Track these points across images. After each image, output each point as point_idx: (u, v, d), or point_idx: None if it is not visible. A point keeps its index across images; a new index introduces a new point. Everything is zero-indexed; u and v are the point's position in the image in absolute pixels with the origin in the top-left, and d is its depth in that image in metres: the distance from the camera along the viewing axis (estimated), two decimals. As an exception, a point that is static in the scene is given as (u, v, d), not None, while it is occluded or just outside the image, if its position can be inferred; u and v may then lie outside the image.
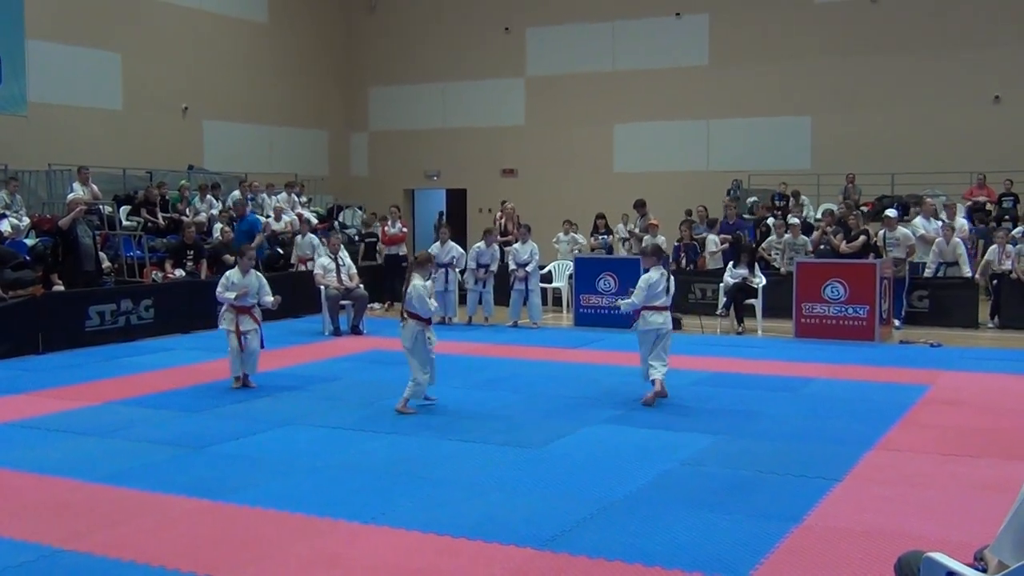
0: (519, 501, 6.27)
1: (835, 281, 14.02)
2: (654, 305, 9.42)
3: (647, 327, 9.44)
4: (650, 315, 9.43)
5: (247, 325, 10.38)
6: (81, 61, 20.90)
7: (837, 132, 23.46)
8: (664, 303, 9.45)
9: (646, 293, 9.48)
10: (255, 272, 10.80)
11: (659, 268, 9.55)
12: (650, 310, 9.44)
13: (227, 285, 10.48)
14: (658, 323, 9.40)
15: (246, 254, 10.88)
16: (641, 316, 9.51)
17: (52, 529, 5.82)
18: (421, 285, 9.19)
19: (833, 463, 7.13)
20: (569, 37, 26.33)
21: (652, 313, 9.43)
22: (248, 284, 10.48)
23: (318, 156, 28.29)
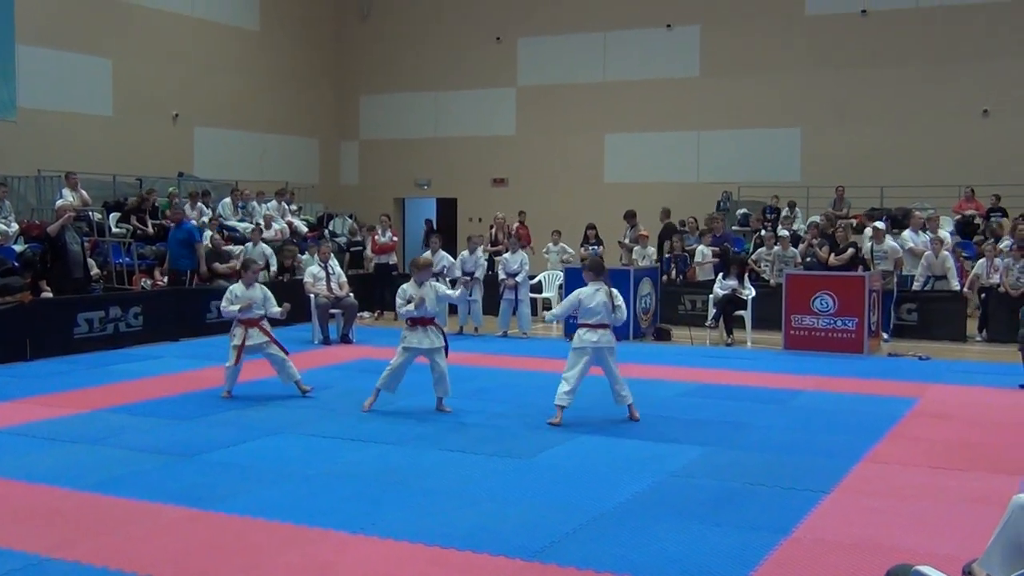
0: (509, 511, 6.27)
1: (824, 293, 14.07)
2: (588, 322, 9.08)
3: (579, 344, 9.11)
4: (584, 332, 9.09)
5: (257, 339, 10.32)
6: (72, 67, 20.86)
7: (827, 144, 23.56)
8: (601, 320, 9.05)
9: (569, 307, 9.32)
10: (259, 284, 10.75)
11: (598, 283, 9.22)
12: (584, 327, 9.11)
13: (231, 299, 10.44)
14: (591, 341, 9.03)
15: (250, 267, 10.83)
16: (576, 332, 9.29)
17: (41, 537, 5.80)
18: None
19: (822, 475, 7.15)
20: (560, 47, 26.39)
21: (586, 331, 9.08)
22: (252, 297, 10.43)
23: (309, 164, 28.27)
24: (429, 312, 9.57)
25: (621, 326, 15.08)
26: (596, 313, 9.04)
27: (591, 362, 9.10)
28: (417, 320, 9.52)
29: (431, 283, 9.88)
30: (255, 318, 10.40)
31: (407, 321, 9.62)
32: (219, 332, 15.63)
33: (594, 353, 9.05)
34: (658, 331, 16.04)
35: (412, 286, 9.63)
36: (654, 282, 16.38)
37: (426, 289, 9.62)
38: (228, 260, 17.37)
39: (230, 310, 10.39)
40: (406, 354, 9.55)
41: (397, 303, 9.69)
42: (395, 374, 9.62)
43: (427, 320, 9.56)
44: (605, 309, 9.05)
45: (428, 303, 9.54)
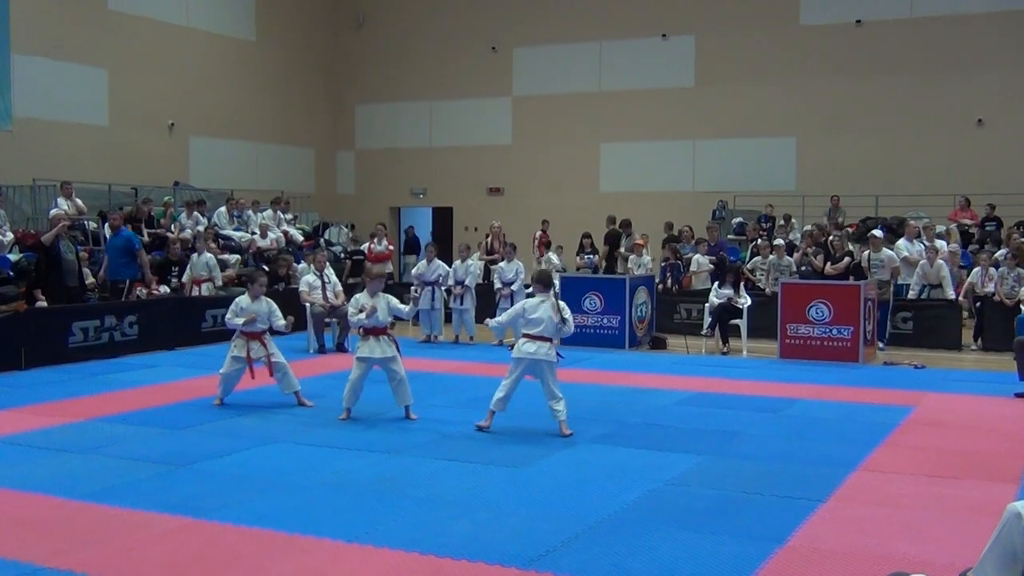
0: (504, 520, 6.25)
1: (820, 302, 14.08)
2: (529, 333, 9.03)
3: (517, 354, 9.06)
4: (523, 342, 9.04)
5: (258, 352, 10.28)
6: (67, 76, 20.88)
7: (822, 153, 23.62)
8: (542, 332, 8.97)
9: (514, 315, 9.36)
10: (265, 298, 10.72)
11: (545, 295, 9.15)
12: (526, 337, 9.07)
13: (236, 311, 10.42)
14: (529, 351, 8.95)
15: (256, 280, 10.79)
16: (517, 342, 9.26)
17: (34, 546, 5.77)
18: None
19: (817, 484, 7.14)
20: (555, 57, 26.45)
21: (526, 341, 9.03)
22: (258, 310, 10.41)
23: (304, 173, 28.29)
24: (381, 322, 9.70)
25: (618, 335, 15.30)
26: (538, 324, 8.99)
27: (525, 371, 9.06)
28: (369, 330, 9.66)
29: (383, 294, 10.01)
30: (258, 331, 10.37)
31: (359, 330, 9.74)
32: (215, 341, 15.63)
33: (530, 364, 9.00)
34: (654, 340, 16.05)
35: (365, 296, 9.78)
36: (650, 291, 16.38)
37: (379, 299, 9.74)
38: (223, 269, 17.35)
39: (235, 322, 10.37)
40: (362, 365, 9.65)
41: (349, 312, 9.86)
42: (355, 388, 9.70)
43: (379, 330, 9.68)
44: (550, 321, 9.00)
45: (380, 313, 9.65)
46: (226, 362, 10.42)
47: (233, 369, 10.37)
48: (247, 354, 10.28)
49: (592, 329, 15.63)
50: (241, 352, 10.31)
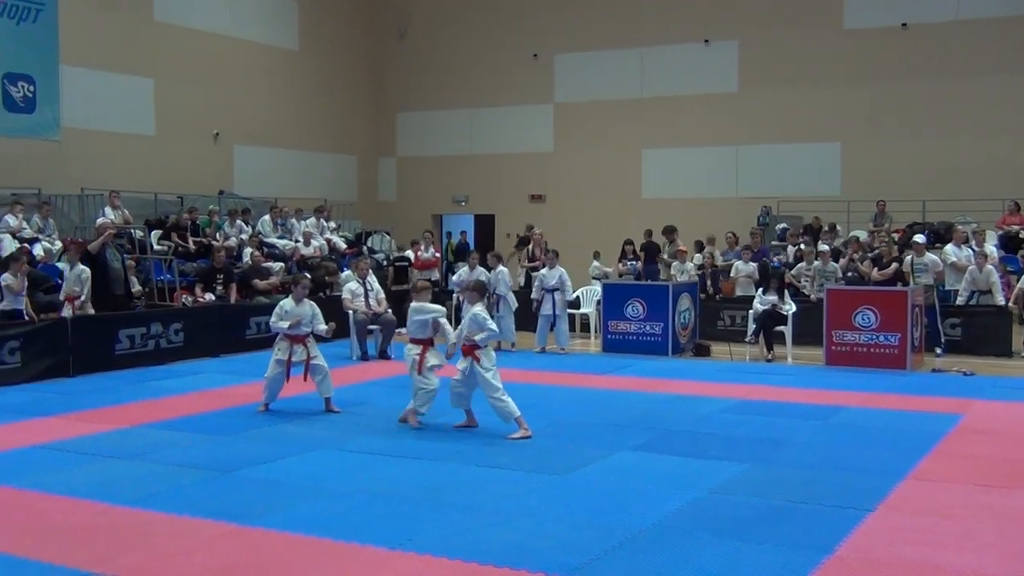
0: (546, 528, 6.22)
1: (866, 308, 13.90)
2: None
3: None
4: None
5: (301, 356, 10.33)
6: (114, 87, 21.15)
7: (867, 158, 23.36)
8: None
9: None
10: (309, 301, 10.77)
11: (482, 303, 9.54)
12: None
13: (280, 314, 10.47)
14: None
15: (300, 283, 10.86)
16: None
17: (79, 552, 5.83)
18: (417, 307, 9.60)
19: (865, 493, 7.03)
20: (597, 64, 26.40)
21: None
22: (302, 313, 10.46)
23: (347, 181, 28.45)
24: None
25: (660, 341, 15.21)
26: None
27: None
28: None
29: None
30: (302, 335, 10.41)
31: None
32: (259, 348, 15.74)
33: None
34: (697, 347, 15.93)
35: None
36: (693, 297, 16.28)
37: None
38: (267, 277, 17.48)
39: (279, 326, 10.42)
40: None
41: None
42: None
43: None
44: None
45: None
46: (270, 366, 10.46)
47: (276, 373, 10.40)
48: (289, 357, 10.31)
49: (635, 336, 15.56)
50: (284, 355, 10.35)
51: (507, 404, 9.08)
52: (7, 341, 12.46)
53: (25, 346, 12.65)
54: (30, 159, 18.71)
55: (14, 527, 6.36)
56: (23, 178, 18.11)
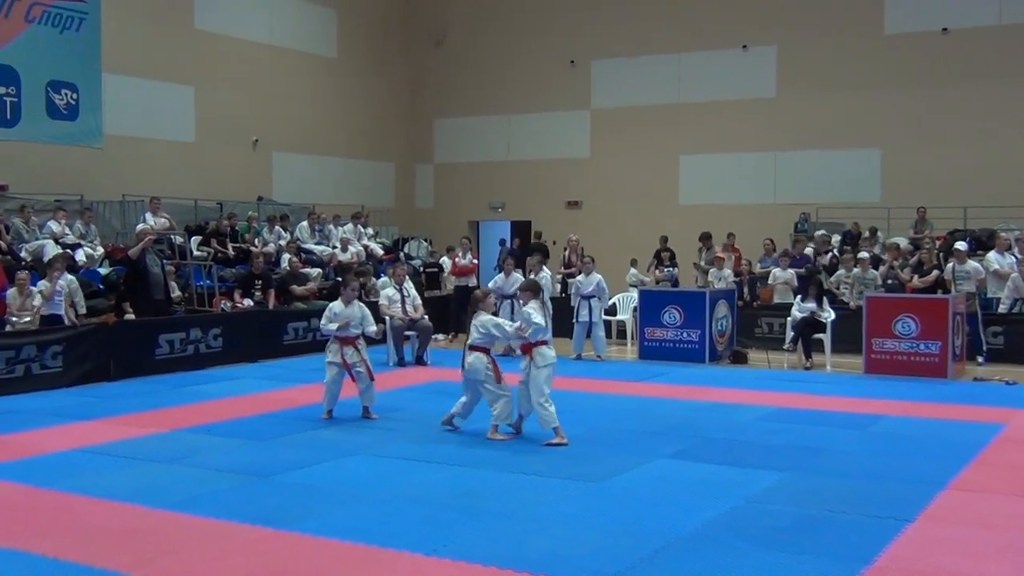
0: (582, 536, 6.20)
1: (906, 316, 13.76)
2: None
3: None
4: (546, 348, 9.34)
5: (352, 358, 10.36)
6: (155, 94, 21.39)
7: (908, 164, 23.13)
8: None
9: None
10: (358, 302, 10.81)
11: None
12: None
13: (330, 316, 10.51)
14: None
15: (349, 284, 10.92)
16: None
17: (119, 555, 5.88)
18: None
19: (904, 503, 6.95)
20: (634, 70, 26.34)
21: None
22: (351, 315, 10.50)
23: (384, 187, 28.57)
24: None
25: (697, 349, 15.14)
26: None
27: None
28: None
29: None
30: (352, 336, 10.45)
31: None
32: (296, 354, 15.87)
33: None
34: (735, 354, 15.84)
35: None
36: (730, 304, 16.19)
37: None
38: (305, 283, 17.58)
39: (329, 328, 10.47)
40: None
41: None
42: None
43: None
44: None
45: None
46: (327, 371, 10.47)
47: (333, 376, 10.39)
48: (342, 359, 10.34)
49: (672, 343, 15.50)
50: (336, 357, 10.36)
51: (549, 411, 9.01)
52: (49, 346, 12.63)
53: (67, 351, 12.81)
54: (73, 166, 18.95)
55: (56, 530, 6.43)
56: (66, 185, 18.35)
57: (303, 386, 12.67)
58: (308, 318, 16.51)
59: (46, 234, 16.24)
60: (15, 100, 17.54)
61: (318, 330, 16.19)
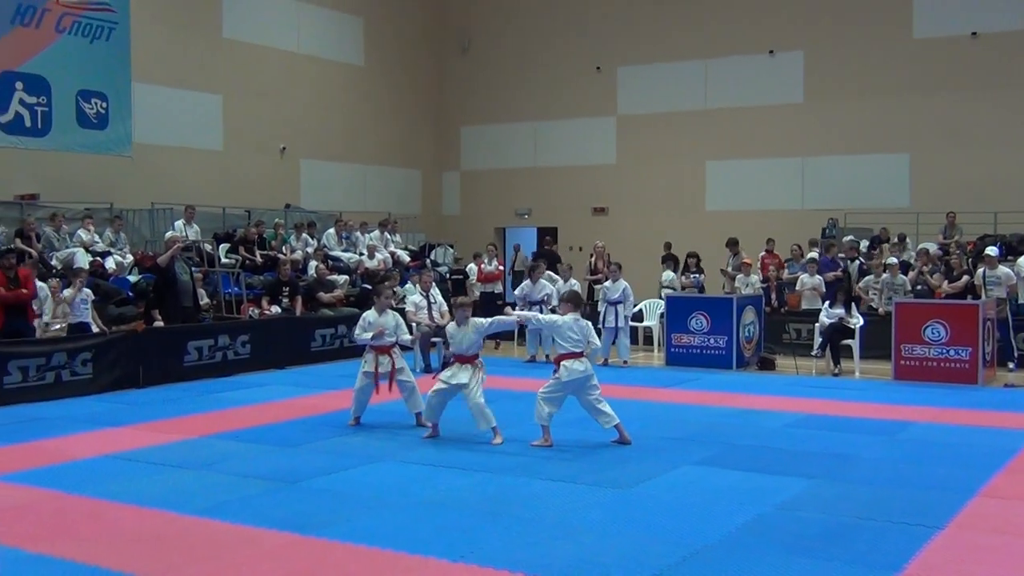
0: (609, 543, 6.18)
1: (936, 322, 13.66)
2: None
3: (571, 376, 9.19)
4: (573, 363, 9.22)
5: (387, 367, 10.35)
6: (184, 103, 21.53)
7: (937, 169, 22.95)
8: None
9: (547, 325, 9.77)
10: (391, 311, 10.83)
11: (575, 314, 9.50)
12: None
13: (364, 326, 10.50)
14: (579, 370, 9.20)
15: (383, 293, 10.92)
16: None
17: (148, 561, 5.93)
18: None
19: (934, 510, 6.89)
20: (661, 76, 26.28)
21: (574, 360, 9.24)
22: (385, 323, 10.50)
23: (411, 195, 28.64)
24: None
25: (725, 355, 15.09)
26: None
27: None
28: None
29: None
30: (387, 345, 10.46)
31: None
32: (324, 360, 15.93)
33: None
34: (762, 360, 15.77)
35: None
36: (758, 310, 16.12)
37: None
38: (332, 290, 17.64)
39: (363, 337, 10.45)
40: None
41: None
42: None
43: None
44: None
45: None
46: (358, 378, 10.48)
47: (364, 384, 10.40)
48: (375, 368, 10.36)
49: (698, 349, 15.45)
50: (371, 367, 10.36)
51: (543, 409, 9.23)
52: (79, 353, 12.74)
53: (97, 358, 12.92)
54: (103, 174, 19.11)
55: (86, 535, 6.48)
56: (96, 193, 18.50)
57: (330, 392, 12.72)
58: (335, 325, 16.58)
59: (76, 242, 16.39)
60: (46, 110, 17.73)
61: (345, 336, 16.38)
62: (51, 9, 17.61)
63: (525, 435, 9.54)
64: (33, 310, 13.15)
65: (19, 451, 9.27)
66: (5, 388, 11.90)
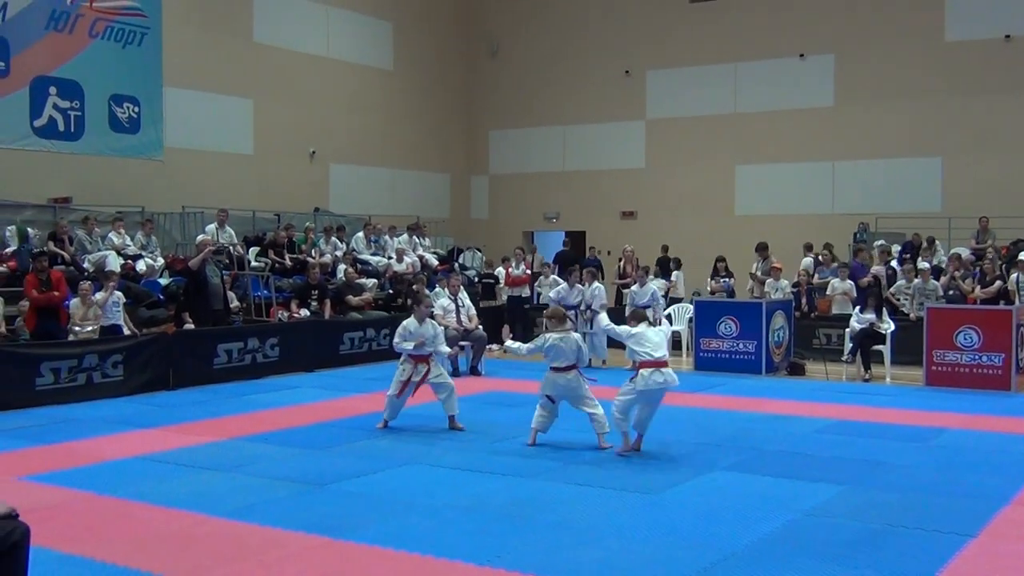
0: (637, 548, 6.16)
1: (968, 328, 13.52)
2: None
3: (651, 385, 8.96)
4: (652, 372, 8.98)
5: (420, 373, 10.34)
6: (215, 107, 21.68)
7: (969, 173, 22.75)
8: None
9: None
10: (430, 321, 10.83)
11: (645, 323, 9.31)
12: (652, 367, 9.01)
13: (404, 335, 10.45)
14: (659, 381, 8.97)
15: (422, 302, 10.92)
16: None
17: (177, 562, 5.96)
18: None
19: (966, 518, 6.82)
20: (690, 79, 26.21)
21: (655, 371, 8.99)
22: (424, 333, 10.50)
23: (440, 198, 28.71)
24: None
25: (754, 360, 14.99)
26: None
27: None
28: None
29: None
30: (425, 354, 10.46)
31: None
32: (353, 363, 15.97)
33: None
34: (792, 365, 15.67)
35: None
36: (787, 315, 16.02)
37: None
38: (360, 293, 17.69)
39: (404, 347, 10.39)
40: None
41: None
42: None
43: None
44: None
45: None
46: (392, 384, 10.48)
47: (399, 391, 10.39)
48: (409, 379, 10.32)
49: (727, 354, 15.36)
50: (407, 376, 10.35)
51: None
52: (111, 355, 12.84)
53: (128, 360, 13.02)
54: (134, 178, 19.28)
55: (116, 536, 6.53)
56: (128, 196, 18.66)
57: (359, 396, 12.76)
58: (364, 328, 16.63)
59: (108, 245, 16.53)
60: (79, 114, 17.93)
61: (374, 340, 16.44)
62: (84, 15, 17.82)
63: (553, 439, 9.52)
64: (66, 312, 13.27)
65: (51, 452, 9.35)
66: (37, 389, 12.01)
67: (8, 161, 17.18)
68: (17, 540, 4.49)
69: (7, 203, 16.77)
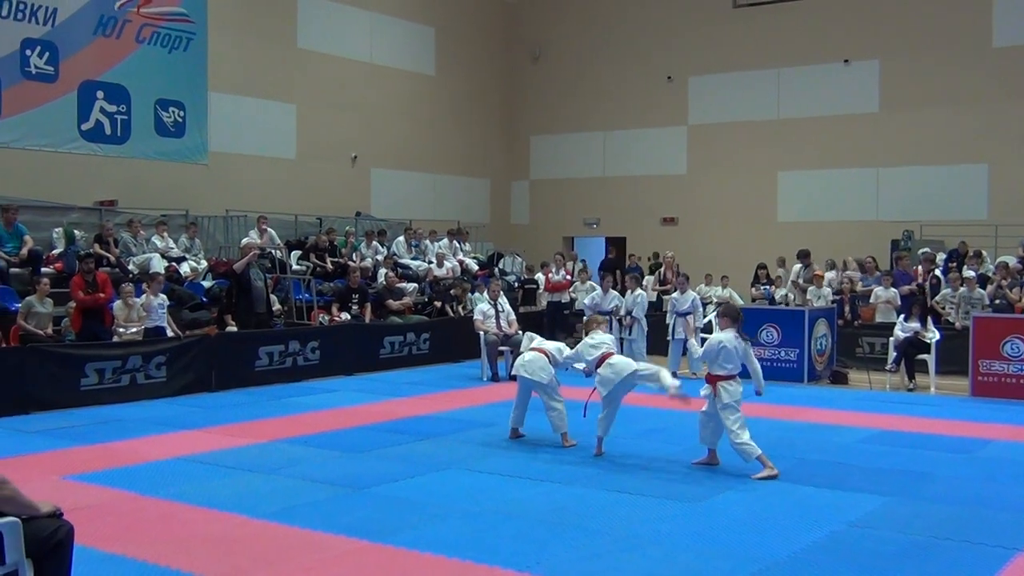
0: (677, 556, 6.11)
1: (1016, 337, 13.32)
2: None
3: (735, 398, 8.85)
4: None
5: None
6: (259, 112, 21.83)
7: (1017, 180, 22.39)
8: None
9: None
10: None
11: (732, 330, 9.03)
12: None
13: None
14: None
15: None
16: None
17: (217, 563, 5.99)
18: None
19: (1013, 531, 6.70)
20: (732, 85, 26.04)
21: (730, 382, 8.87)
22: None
23: (480, 203, 28.73)
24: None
25: (796, 368, 14.85)
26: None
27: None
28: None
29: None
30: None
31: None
32: (393, 367, 16.03)
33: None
34: (834, 374, 15.51)
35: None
36: (830, 323, 15.85)
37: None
38: (401, 298, 17.75)
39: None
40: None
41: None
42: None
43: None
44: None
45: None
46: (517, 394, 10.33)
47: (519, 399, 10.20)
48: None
49: (769, 362, 15.19)
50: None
51: (746, 445, 8.59)
52: (154, 356, 12.97)
53: (171, 361, 13.14)
54: (179, 182, 19.45)
55: (158, 537, 6.58)
56: (172, 200, 18.85)
57: (398, 399, 12.79)
58: (404, 332, 16.68)
59: (152, 248, 16.70)
60: (125, 118, 18.13)
61: (414, 344, 16.61)
62: (131, 20, 18.02)
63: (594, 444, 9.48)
64: (111, 314, 13.43)
65: (95, 452, 9.46)
66: (82, 390, 12.16)
67: (56, 164, 17.41)
68: (62, 539, 4.55)
69: (54, 205, 16.99)
